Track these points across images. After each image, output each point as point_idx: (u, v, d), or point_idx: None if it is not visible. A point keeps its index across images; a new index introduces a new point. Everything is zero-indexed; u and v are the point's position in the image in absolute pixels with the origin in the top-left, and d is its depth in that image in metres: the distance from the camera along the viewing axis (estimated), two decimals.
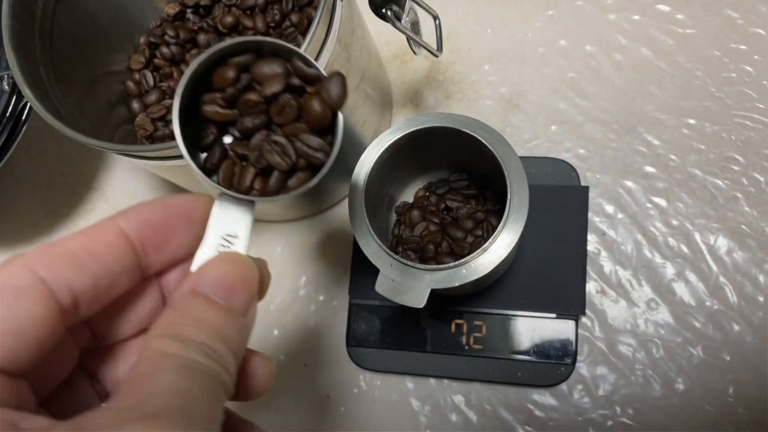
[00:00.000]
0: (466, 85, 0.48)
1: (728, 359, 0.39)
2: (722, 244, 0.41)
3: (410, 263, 0.32)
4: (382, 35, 0.50)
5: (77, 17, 0.38)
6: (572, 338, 0.40)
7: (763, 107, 0.43)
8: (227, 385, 0.18)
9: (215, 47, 0.22)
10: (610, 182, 0.43)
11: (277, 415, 0.44)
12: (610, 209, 0.43)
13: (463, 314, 0.42)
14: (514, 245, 0.32)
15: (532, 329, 0.41)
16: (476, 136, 0.33)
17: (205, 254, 0.21)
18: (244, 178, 0.23)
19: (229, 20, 0.43)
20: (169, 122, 0.42)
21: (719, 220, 0.41)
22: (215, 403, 0.17)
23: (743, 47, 0.44)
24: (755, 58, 0.44)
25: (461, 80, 0.48)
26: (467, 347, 0.41)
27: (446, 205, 0.41)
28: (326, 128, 0.23)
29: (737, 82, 0.44)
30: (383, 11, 0.34)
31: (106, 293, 0.19)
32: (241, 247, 0.22)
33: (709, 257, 0.41)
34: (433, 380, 0.42)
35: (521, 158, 0.33)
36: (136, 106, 0.43)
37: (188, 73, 0.21)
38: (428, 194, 0.42)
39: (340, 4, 0.32)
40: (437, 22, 0.38)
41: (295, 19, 0.42)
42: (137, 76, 0.44)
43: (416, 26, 0.37)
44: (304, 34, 0.42)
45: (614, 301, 0.41)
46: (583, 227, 0.42)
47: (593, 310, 0.41)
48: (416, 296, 0.32)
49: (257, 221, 0.48)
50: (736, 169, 0.42)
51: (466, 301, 0.41)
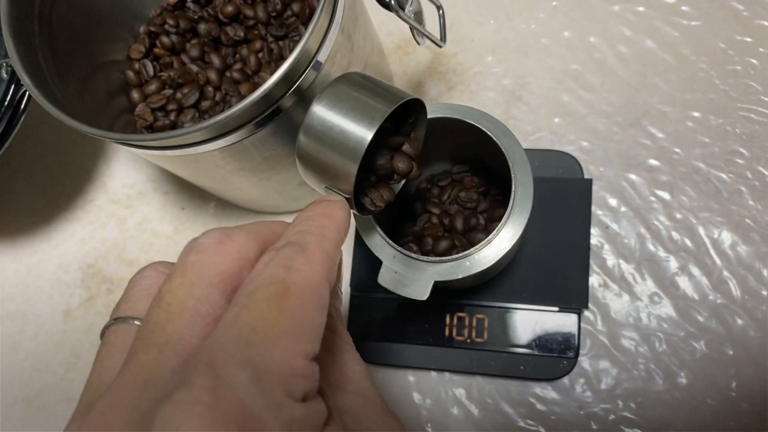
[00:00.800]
0: (468, 76, 0.47)
1: (731, 353, 0.39)
2: (726, 237, 0.41)
3: (413, 255, 0.32)
4: (384, 25, 0.49)
5: (77, 5, 0.37)
6: (575, 332, 0.40)
7: None
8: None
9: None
10: (613, 175, 0.43)
11: None
12: (613, 202, 0.43)
13: (464, 307, 0.41)
14: (518, 238, 0.32)
15: (534, 322, 0.40)
16: (481, 127, 0.33)
17: None
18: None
19: (229, 9, 0.43)
20: (168, 112, 0.42)
21: (723, 213, 0.41)
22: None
23: (748, 39, 0.44)
24: (760, 50, 0.44)
25: (464, 71, 0.47)
26: (469, 340, 0.41)
27: (448, 196, 0.40)
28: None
29: (742, 74, 0.43)
30: (387, 0, 0.33)
31: None
32: None
33: (712, 251, 0.41)
34: (434, 373, 0.42)
35: (524, 151, 0.33)
36: (135, 95, 0.42)
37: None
38: (430, 186, 0.41)
39: None
40: (441, 11, 0.38)
41: (296, 8, 0.42)
42: (137, 65, 0.43)
43: (420, 16, 0.37)
44: (305, 23, 0.42)
45: (617, 294, 0.41)
46: (586, 220, 0.41)
47: (596, 303, 0.41)
48: (419, 288, 0.31)
49: (258, 213, 0.48)
50: (740, 162, 0.42)
51: (468, 294, 0.41)
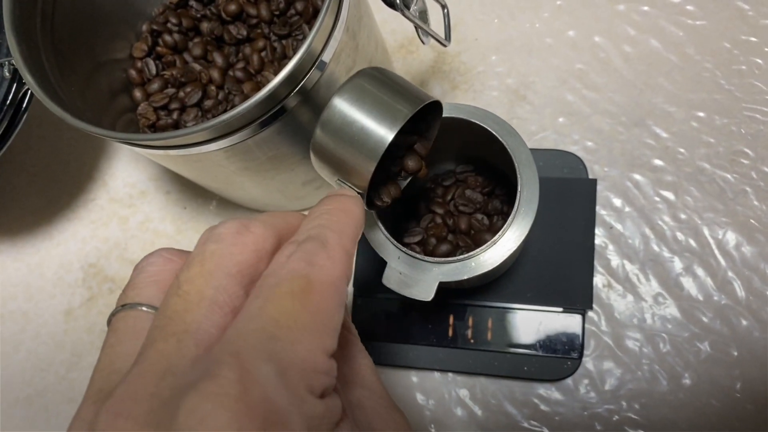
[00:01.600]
0: (472, 75, 0.47)
1: (736, 354, 0.39)
2: (731, 238, 0.41)
3: (418, 256, 0.32)
4: (387, 24, 0.49)
5: (79, 3, 0.37)
6: (579, 332, 0.40)
7: None
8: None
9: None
10: (618, 175, 0.43)
11: None
12: (617, 202, 0.42)
13: (468, 308, 0.41)
14: (523, 238, 0.32)
15: (538, 323, 0.40)
16: (486, 126, 0.33)
17: None
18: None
19: (232, 8, 0.42)
20: (171, 111, 0.42)
21: (728, 214, 0.41)
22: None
23: (754, 39, 0.44)
24: (766, 50, 0.43)
25: (467, 71, 0.47)
26: (473, 341, 0.41)
27: (452, 196, 0.40)
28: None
29: (747, 74, 0.43)
30: None
31: None
32: None
33: (717, 252, 0.41)
34: (437, 374, 0.42)
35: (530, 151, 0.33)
36: (138, 94, 0.42)
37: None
38: (434, 186, 0.41)
39: None
40: (445, 11, 0.38)
41: (300, 7, 0.42)
42: (139, 64, 0.43)
43: (424, 15, 0.37)
44: (309, 22, 0.42)
45: (621, 295, 0.41)
46: (590, 220, 0.41)
47: (600, 304, 0.41)
48: (424, 289, 0.31)
49: (260, 213, 0.48)
50: (745, 162, 0.42)
51: (471, 294, 0.41)
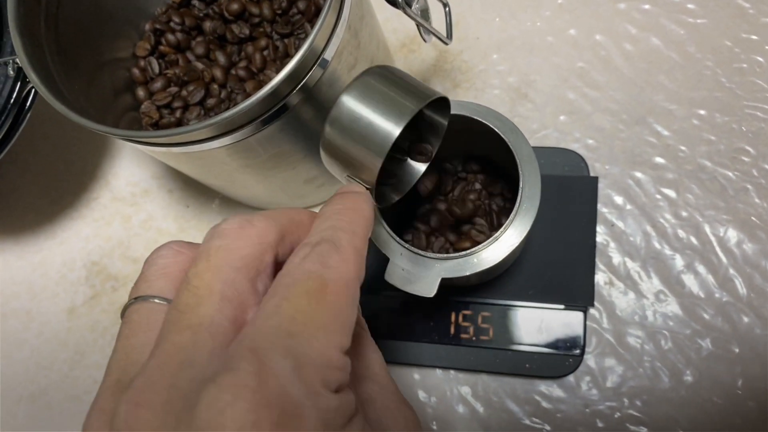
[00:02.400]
0: (473, 74, 0.47)
1: (737, 351, 0.39)
2: (732, 235, 0.41)
3: (421, 252, 0.32)
4: (389, 23, 0.49)
5: (83, 2, 0.37)
6: (580, 330, 0.40)
7: None
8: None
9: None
10: (619, 173, 0.43)
11: None
12: (619, 200, 0.43)
13: (470, 305, 0.41)
14: (525, 235, 0.32)
15: (539, 320, 0.40)
16: (488, 123, 0.33)
17: None
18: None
19: (235, 7, 0.43)
20: (174, 109, 0.42)
21: (729, 211, 0.41)
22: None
23: (754, 37, 0.44)
24: (766, 48, 0.44)
25: (469, 69, 0.47)
26: (474, 338, 0.41)
27: (455, 193, 0.40)
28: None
29: (748, 72, 0.43)
30: None
31: None
32: None
33: (718, 249, 0.41)
34: (439, 371, 0.42)
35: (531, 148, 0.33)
36: (141, 93, 0.42)
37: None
38: (437, 182, 0.41)
39: None
40: (447, 9, 0.38)
41: (302, 6, 0.42)
42: (142, 63, 0.43)
43: (426, 13, 0.37)
44: (311, 21, 0.42)
45: (623, 292, 0.41)
46: (591, 218, 0.41)
47: (601, 301, 0.41)
48: (427, 285, 0.31)
49: (262, 209, 0.48)
50: (746, 160, 0.42)
51: (473, 291, 0.41)
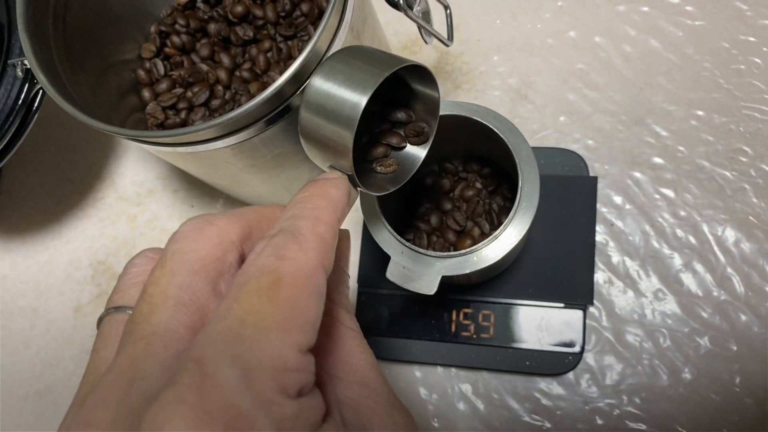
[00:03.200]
0: (474, 75, 0.48)
1: (735, 349, 0.39)
2: (730, 235, 0.41)
3: (421, 250, 0.32)
4: (391, 26, 0.50)
5: (90, 4, 0.38)
6: (580, 328, 0.40)
7: None
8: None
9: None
10: (618, 173, 0.44)
11: None
12: (618, 200, 0.43)
13: (471, 303, 0.42)
14: (524, 233, 0.32)
15: (539, 318, 0.41)
16: (488, 124, 0.33)
17: None
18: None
19: (239, 9, 0.43)
20: (179, 110, 0.42)
21: (727, 211, 0.42)
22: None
23: (752, 39, 0.44)
24: (764, 49, 0.44)
25: (470, 71, 0.48)
26: (475, 336, 0.41)
27: (455, 193, 0.41)
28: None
29: (746, 73, 0.44)
30: (396, 0, 0.34)
31: None
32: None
33: (716, 248, 0.41)
34: (440, 369, 0.43)
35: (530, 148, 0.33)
36: (146, 94, 0.43)
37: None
38: (437, 182, 0.42)
39: None
40: (448, 11, 0.38)
41: (305, 8, 0.43)
42: (148, 64, 0.44)
43: (427, 15, 0.37)
44: (314, 23, 0.43)
45: (622, 291, 0.41)
46: (591, 218, 0.42)
47: (601, 300, 0.41)
48: (427, 283, 0.32)
49: None
50: (744, 160, 0.42)
51: (474, 290, 0.42)
